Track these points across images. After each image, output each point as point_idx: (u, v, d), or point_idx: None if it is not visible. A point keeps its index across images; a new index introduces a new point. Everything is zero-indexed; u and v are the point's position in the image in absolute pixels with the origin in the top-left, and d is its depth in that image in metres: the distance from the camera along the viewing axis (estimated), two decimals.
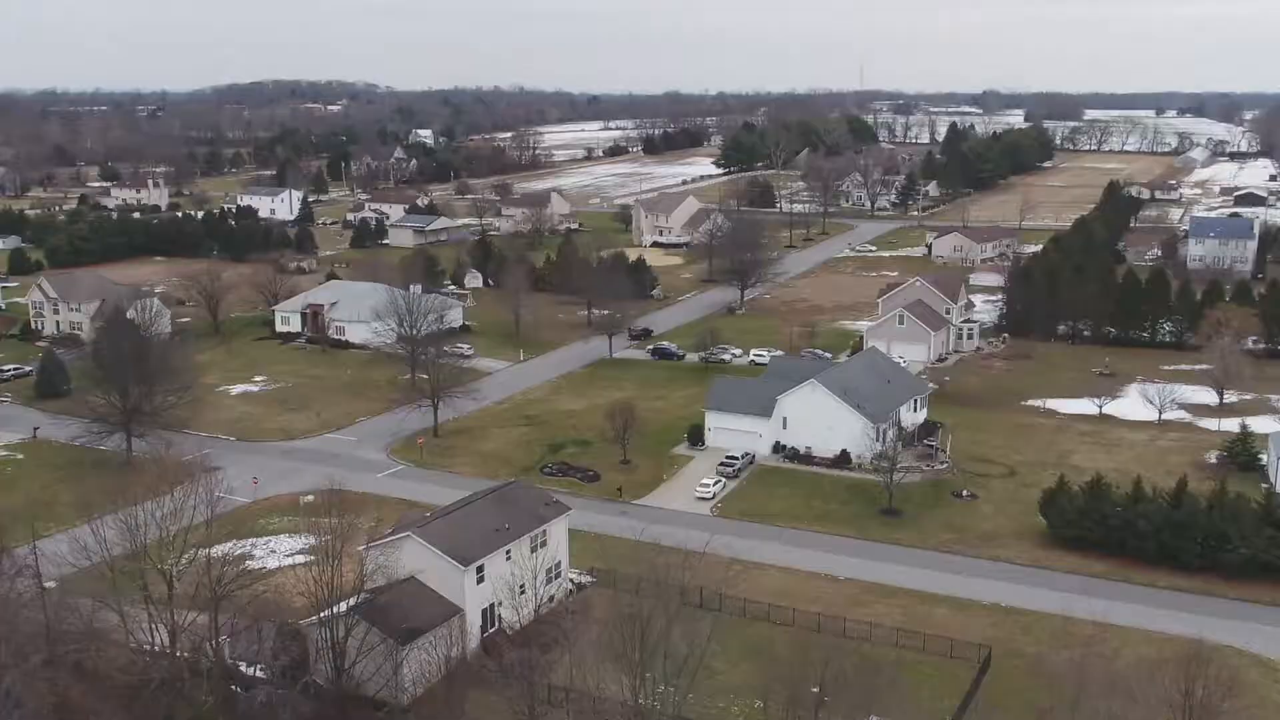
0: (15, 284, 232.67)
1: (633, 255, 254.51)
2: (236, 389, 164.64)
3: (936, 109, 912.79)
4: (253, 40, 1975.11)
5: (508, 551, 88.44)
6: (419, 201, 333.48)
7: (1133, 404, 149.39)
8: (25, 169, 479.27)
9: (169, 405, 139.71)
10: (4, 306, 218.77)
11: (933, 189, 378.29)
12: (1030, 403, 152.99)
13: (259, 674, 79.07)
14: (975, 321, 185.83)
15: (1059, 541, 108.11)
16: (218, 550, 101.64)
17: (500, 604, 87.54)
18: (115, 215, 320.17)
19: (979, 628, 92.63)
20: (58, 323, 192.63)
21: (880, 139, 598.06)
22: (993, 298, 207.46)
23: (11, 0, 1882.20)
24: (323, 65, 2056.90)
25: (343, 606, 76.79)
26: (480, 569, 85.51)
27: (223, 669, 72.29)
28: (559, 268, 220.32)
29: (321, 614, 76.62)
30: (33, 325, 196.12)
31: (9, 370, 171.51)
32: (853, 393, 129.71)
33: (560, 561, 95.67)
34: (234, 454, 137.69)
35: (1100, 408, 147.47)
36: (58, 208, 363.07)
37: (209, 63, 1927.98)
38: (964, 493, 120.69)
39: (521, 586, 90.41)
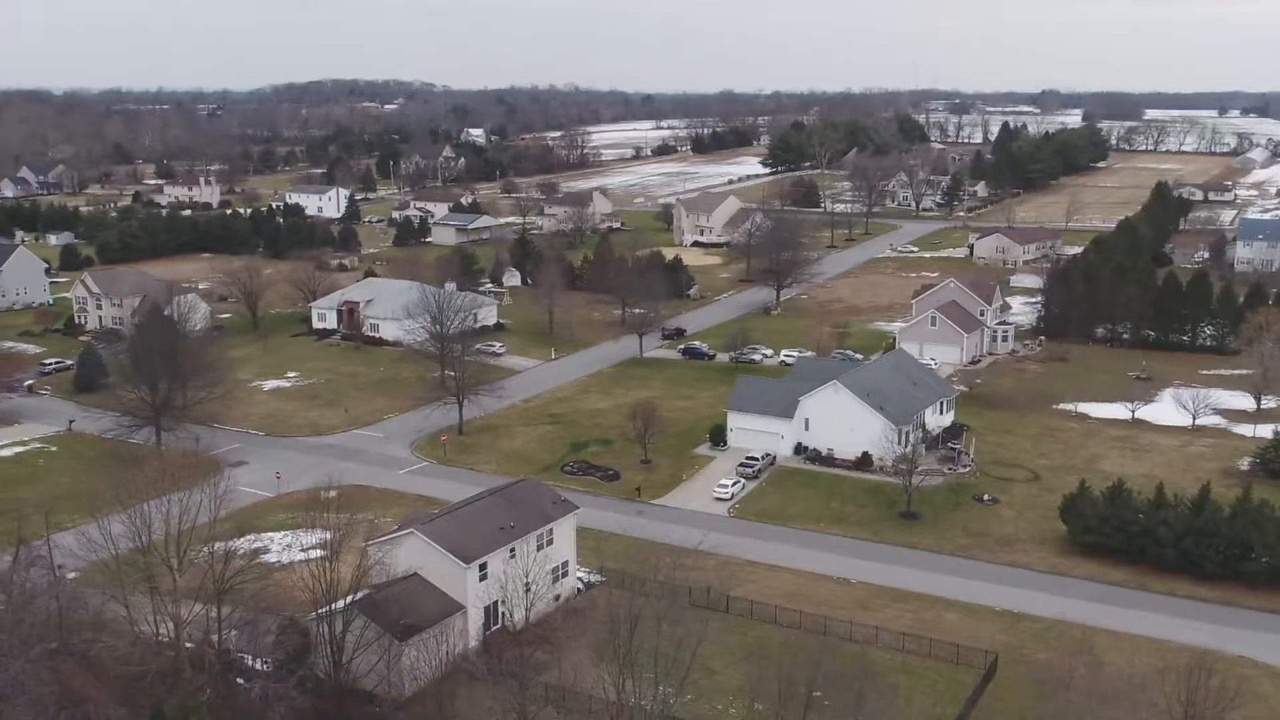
0: (65, 279, 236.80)
1: (672, 255, 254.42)
2: (269, 385, 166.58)
3: (993, 108, 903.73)
4: (313, 40, 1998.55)
5: (511, 550, 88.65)
6: (463, 200, 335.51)
7: (1167, 409, 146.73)
8: (84, 166, 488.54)
9: (198, 400, 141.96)
10: (51, 301, 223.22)
11: (981, 189, 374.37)
12: (1062, 406, 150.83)
13: (261, 667, 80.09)
14: (1010, 323, 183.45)
15: (1078, 548, 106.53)
16: (236, 544, 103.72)
17: (504, 602, 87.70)
18: (165, 212, 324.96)
19: (989, 634, 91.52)
20: (100, 318, 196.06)
21: (932, 139, 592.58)
22: (1032, 300, 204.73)
23: (78, 1, 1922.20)
24: (381, 65, 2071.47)
25: (343, 602, 77.29)
26: (483, 567, 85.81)
27: (220, 661, 73.03)
28: (595, 267, 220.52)
29: (328, 608, 77.21)
30: (76, 320, 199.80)
31: (50, 364, 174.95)
32: (875, 394, 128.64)
33: (567, 560, 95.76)
34: (262, 449, 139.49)
35: (1133, 412, 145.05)
36: (112, 204, 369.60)
37: (270, 62, 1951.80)
38: (985, 497, 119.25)
39: (527, 585, 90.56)
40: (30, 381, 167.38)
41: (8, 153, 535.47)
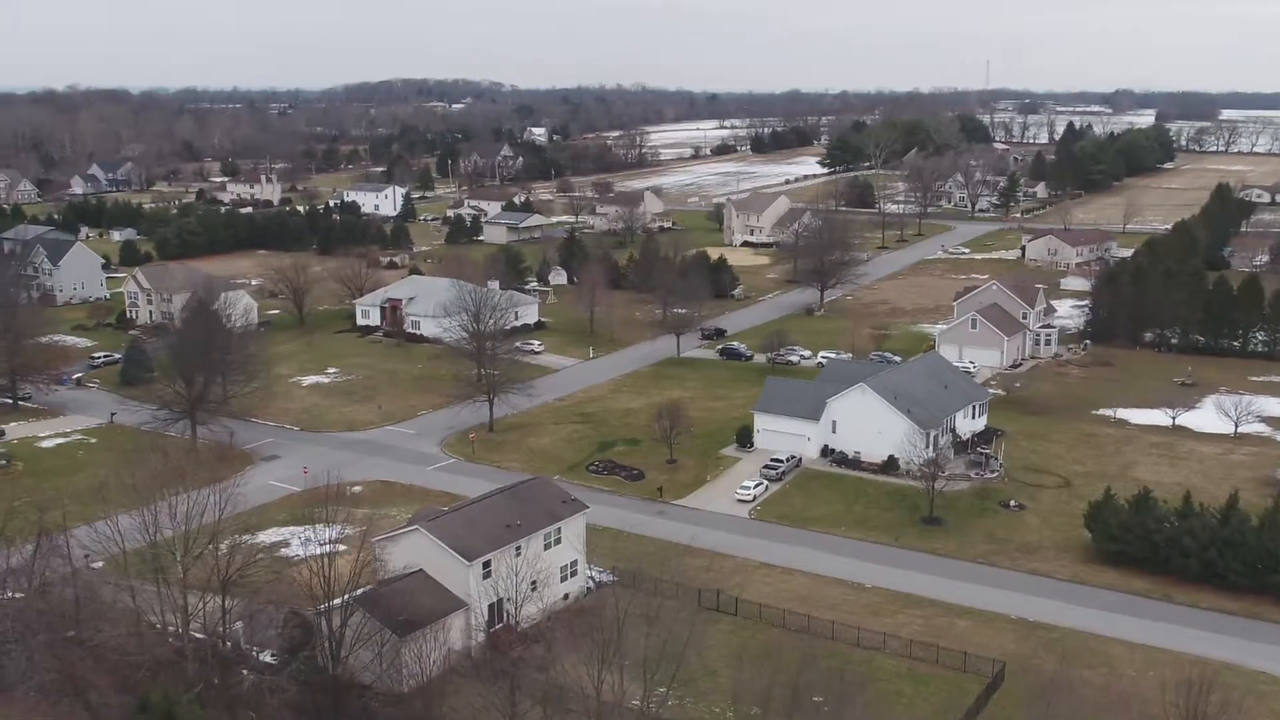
0: (122, 274, 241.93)
1: (718, 254, 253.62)
2: (308, 380, 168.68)
3: (1064, 108, 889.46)
4: (386, 40, 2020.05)
5: (518, 548, 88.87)
6: (515, 199, 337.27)
7: (1209, 416, 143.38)
8: (152, 164, 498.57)
9: (233, 395, 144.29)
10: (107, 296, 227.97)
11: (1041, 190, 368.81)
12: (1101, 412, 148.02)
13: (265, 658, 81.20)
14: (1054, 327, 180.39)
15: (1102, 556, 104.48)
16: (255, 538, 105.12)
17: (509, 600, 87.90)
18: (223, 209, 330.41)
19: (1000, 642, 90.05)
20: (150, 312, 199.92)
21: (996, 139, 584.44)
22: (1082, 303, 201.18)
23: (155, 2, 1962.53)
24: (451, 65, 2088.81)
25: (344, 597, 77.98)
26: (486, 564, 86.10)
27: (217, 652, 74.05)
28: (640, 266, 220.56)
29: (325, 603, 77.97)
30: (128, 315, 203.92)
31: (99, 357, 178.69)
32: (903, 397, 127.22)
33: (576, 560, 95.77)
34: (295, 443, 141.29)
35: (1173, 419, 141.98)
36: (176, 201, 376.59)
37: (343, 62, 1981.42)
38: (1012, 503, 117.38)
39: (533, 583, 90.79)
40: (79, 374, 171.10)
41: (82, 150, 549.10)
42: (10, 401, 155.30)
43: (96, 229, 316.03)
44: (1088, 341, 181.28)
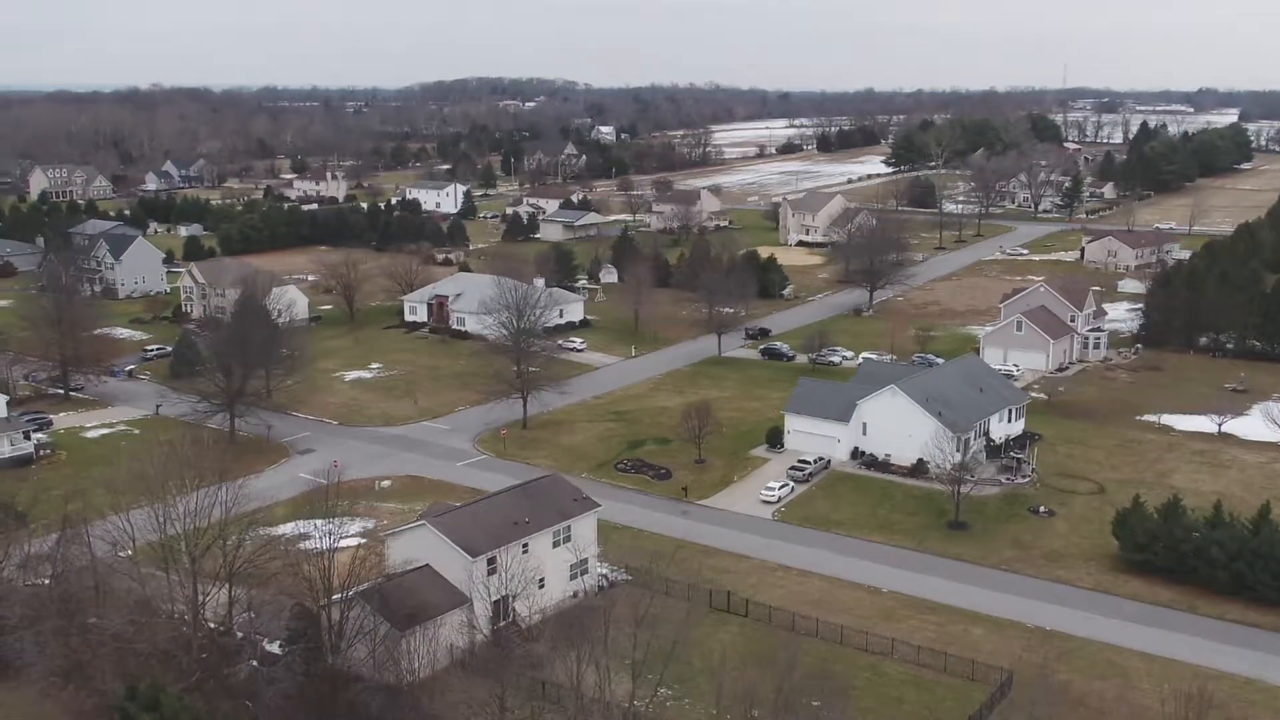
0: (181, 269, 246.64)
1: (778, 254, 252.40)
2: (351, 375, 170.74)
3: (1144, 107, 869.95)
4: (463, 40, 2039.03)
5: (524, 545, 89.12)
6: (573, 197, 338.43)
7: (1257, 424, 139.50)
8: (224, 161, 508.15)
9: (272, 388, 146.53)
10: (168, 290, 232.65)
11: (1109, 191, 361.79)
12: (1145, 418, 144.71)
13: (272, 649, 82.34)
14: (1104, 330, 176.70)
15: (1128, 565, 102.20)
16: (283, 530, 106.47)
17: (515, 597, 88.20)
18: (285, 206, 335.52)
19: (1013, 651, 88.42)
20: (204, 307, 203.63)
21: (1068, 139, 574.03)
22: (1137, 306, 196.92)
23: (241, 2, 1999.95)
24: (527, 63, 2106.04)
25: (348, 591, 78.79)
26: (491, 560, 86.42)
27: (215, 641, 75.20)
28: (689, 265, 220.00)
29: (325, 597, 78.82)
30: (183, 308, 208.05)
31: (152, 350, 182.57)
32: (935, 399, 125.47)
33: (586, 558, 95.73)
34: (332, 437, 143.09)
35: (1219, 426, 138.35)
36: (244, 198, 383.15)
37: (421, 61, 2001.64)
38: (1041, 509, 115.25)
39: (540, 580, 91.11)
40: (131, 366, 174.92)
41: (159, 148, 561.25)
42: (62, 392, 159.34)
43: (165, 224, 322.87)
44: (1139, 345, 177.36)
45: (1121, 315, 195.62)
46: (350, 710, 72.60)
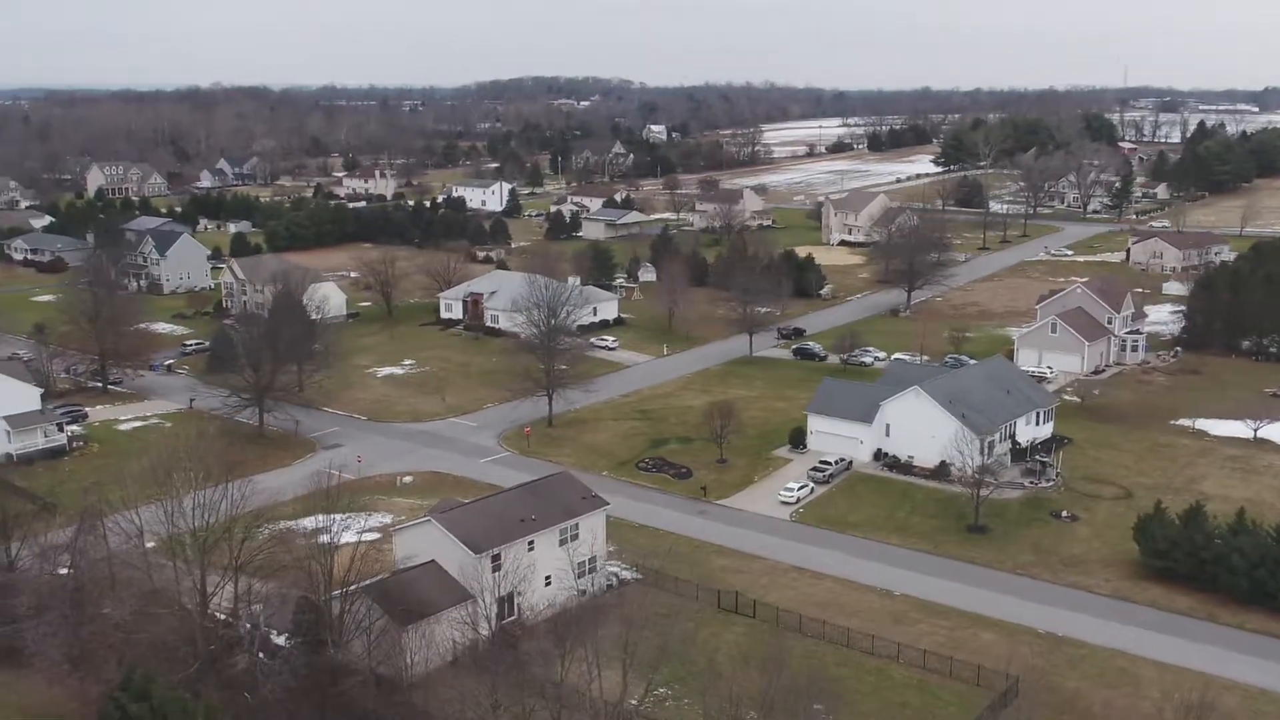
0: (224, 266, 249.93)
1: (820, 254, 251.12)
2: (383, 371, 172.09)
3: (1207, 107, 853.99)
4: (519, 39, 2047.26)
5: (530, 542, 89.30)
6: (616, 196, 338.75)
7: None
8: (278, 159, 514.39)
9: (299, 384, 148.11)
10: (212, 285, 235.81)
11: (1161, 191, 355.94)
12: (1179, 422, 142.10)
13: (279, 641, 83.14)
14: (1142, 332, 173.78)
15: (1148, 572, 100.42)
16: (303, 524, 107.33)
17: (520, 594, 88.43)
18: (332, 204, 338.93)
19: (1022, 656, 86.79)
20: (244, 302, 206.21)
21: (1125, 138, 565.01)
22: (1180, 308, 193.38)
23: (302, 3, 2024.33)
24: (583, 62, 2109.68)
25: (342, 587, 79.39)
26: (496, 557, 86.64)
27: (218, 634, 76.06)
28: (725, 264, 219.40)
29: (324, 591, 79.52)
30: (224, 304, 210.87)
31: (191, 345, 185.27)
32: (959, 401, 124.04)
33: (595, 556, 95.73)
34: (360, 433, 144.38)
35: (1255, 431, 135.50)
36: (289, 196, 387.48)
37: (477, 60, 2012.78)
38: (1064, 513, 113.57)
39: (547, 578, 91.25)
40: (170, 361, 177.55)
41: (215, 146, 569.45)
42: (101, 385, 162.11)
43: (215, 221, 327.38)
44: (1178, 349, 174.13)
45: (1164, 318, 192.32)
46: (346, 703, 73.14)
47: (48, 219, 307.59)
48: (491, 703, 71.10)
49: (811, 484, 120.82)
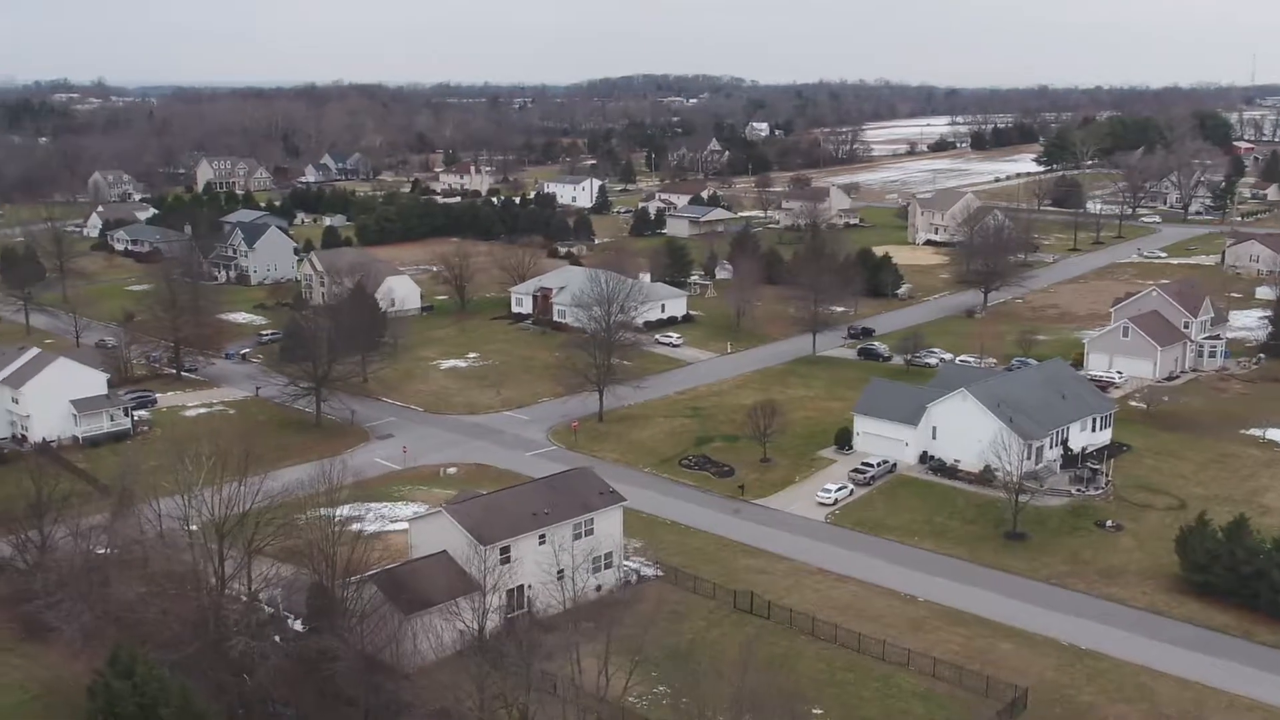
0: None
1: (905, 253, 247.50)
2: (447, 364, 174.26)
3: None
4: (633, 36, 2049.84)
5: (541, 536, 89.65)
6: (703, 193, 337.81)
7: None
8: (381, 155, 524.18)
9: (361, 374, 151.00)
10: (297, 277, 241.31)
11: (1273, 192, 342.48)
12: (1250, 431, 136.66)
13: (295, 626, 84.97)
14: (1222, 337, 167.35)
15: (1188, 586, 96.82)
16: (340, 512, 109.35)
17: (529, 587, 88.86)
18: (423, 199, 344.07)
19: (1039, 669, 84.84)
20: (323, 294, 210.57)
21: (1242, 137, 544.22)
22: (1269, 313, 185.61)
23: (420, 1, 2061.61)
24: (694, 60, 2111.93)
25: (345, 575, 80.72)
26: (505, 550, 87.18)
27: (219, 617, 77.87)
28: (799, 262, 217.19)
29: (329, 578, 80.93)
30: (303, 296, 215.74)
31: (267, 335, 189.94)
32: (1008, 405, 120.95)
33: (611, 552, 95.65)
34: (413, 424, 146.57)
35: None
36: (383, 191, 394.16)
37: (591, 58, 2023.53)
38: (1109, 523, 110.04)
39: (559, 572, 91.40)
40: (246, 350, 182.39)
41: (324, 141, 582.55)
42: (174, 372, 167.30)
43: (312, 215, 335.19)
44: (1261, 355, 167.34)
45: (1252, 323, 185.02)
46: (342, 688, 74.30)
47: (153, 211, 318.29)
48: (480, 695, 71.52)
49: (851, 485, 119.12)
